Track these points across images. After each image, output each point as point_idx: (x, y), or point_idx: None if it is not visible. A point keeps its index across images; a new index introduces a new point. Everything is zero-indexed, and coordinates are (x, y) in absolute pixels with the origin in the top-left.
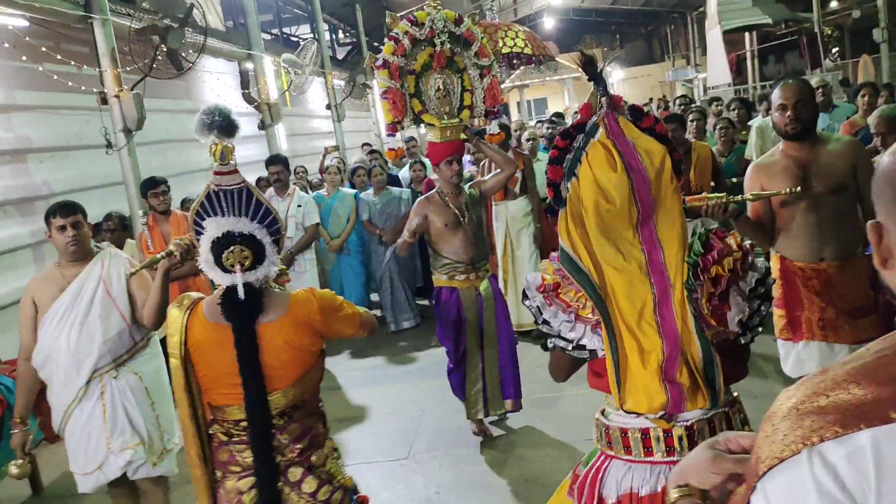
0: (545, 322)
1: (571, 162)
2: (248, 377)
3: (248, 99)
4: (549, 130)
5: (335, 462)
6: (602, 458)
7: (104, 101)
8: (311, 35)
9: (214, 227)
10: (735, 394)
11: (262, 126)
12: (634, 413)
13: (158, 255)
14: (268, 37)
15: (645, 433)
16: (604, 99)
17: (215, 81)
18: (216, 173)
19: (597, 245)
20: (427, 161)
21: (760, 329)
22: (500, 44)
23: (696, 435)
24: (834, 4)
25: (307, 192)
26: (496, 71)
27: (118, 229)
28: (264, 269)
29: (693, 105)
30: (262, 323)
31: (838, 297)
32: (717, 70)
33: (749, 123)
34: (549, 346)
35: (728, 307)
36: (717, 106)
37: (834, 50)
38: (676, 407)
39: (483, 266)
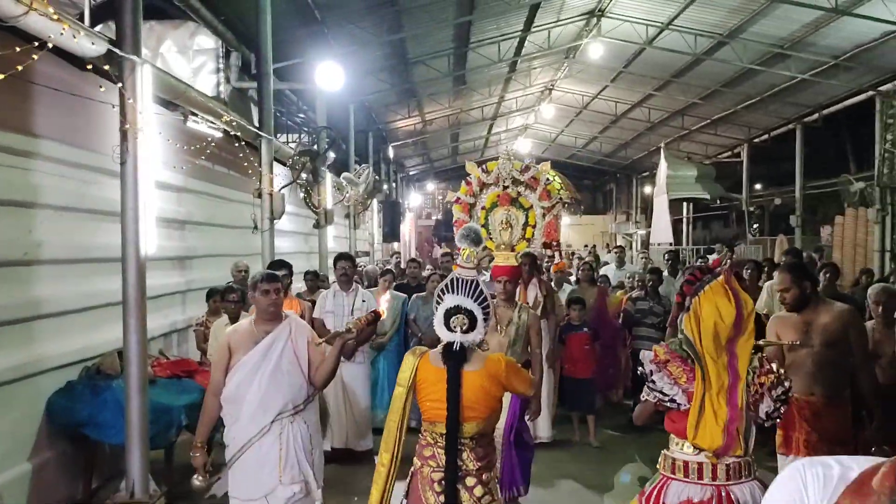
0: (653, 381)
1: (698, 286)
2: (451, 404)
3: (309, 203)
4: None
5: (496, 486)
6: (663, 479)
7: (259, 195)
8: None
9: (450, 301)
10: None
11: (317, 225)
12: (697, 449)
13: (342, 331)
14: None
15: (699, 465)
16: (729, 260)
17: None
18: (461, 266)
19: (705, 342)
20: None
21: (778, 420)
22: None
23: (729, 469)
24: (758, 187)
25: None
26: (557, 211)
27: (240, 301)
28: (474, 335)
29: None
30: (467, 370)
31: (821, 427)
32: (660, 230)
33: (759, 284)
34: (643, 398)
35: (762, 401)
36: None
37: (755, 226)
38: (725, 450)
39: None
